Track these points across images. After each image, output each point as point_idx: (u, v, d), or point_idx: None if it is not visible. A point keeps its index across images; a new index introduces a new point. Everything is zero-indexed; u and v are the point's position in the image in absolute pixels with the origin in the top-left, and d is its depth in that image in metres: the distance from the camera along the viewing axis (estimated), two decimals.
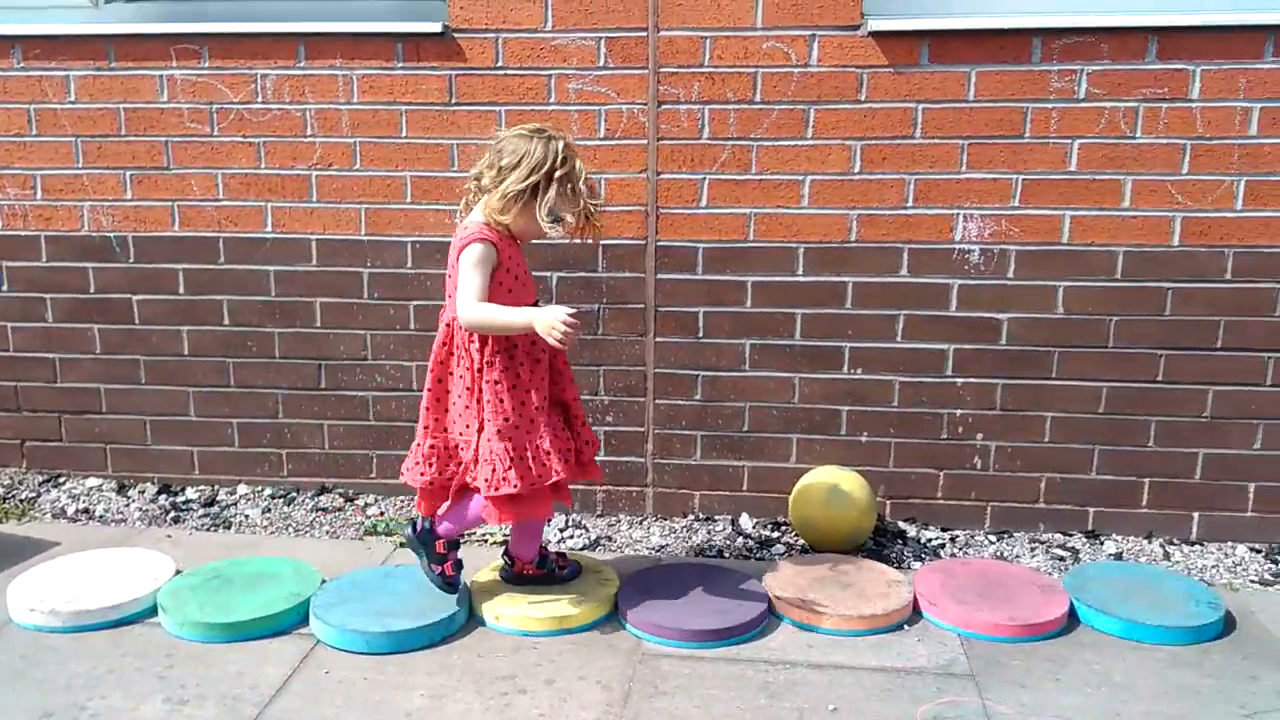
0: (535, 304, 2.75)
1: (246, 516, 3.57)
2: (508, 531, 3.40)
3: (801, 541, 3.38)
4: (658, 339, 3.51)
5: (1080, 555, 3.30)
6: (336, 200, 3.53)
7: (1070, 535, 3.44)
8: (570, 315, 2.49)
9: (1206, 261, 3.25)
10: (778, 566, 3.12)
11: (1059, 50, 3.19)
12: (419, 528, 2.86)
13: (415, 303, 3.56)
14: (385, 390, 3.63)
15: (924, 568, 3.12)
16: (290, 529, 3.49)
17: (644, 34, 3.30)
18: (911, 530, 3.46)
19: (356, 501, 3.68)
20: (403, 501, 3.66)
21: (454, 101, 3.42)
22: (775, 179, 3.36)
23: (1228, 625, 2.83)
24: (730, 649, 2.71)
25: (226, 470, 3.78)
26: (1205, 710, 2.44)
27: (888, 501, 3.52)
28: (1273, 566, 3.23)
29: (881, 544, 3.37)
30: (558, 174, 2.58)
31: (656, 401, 3.55)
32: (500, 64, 3.38)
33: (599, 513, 3.64)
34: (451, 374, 2.72)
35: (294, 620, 2.81)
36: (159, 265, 3.65)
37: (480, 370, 2.65)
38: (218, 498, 3.71)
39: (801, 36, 3.26)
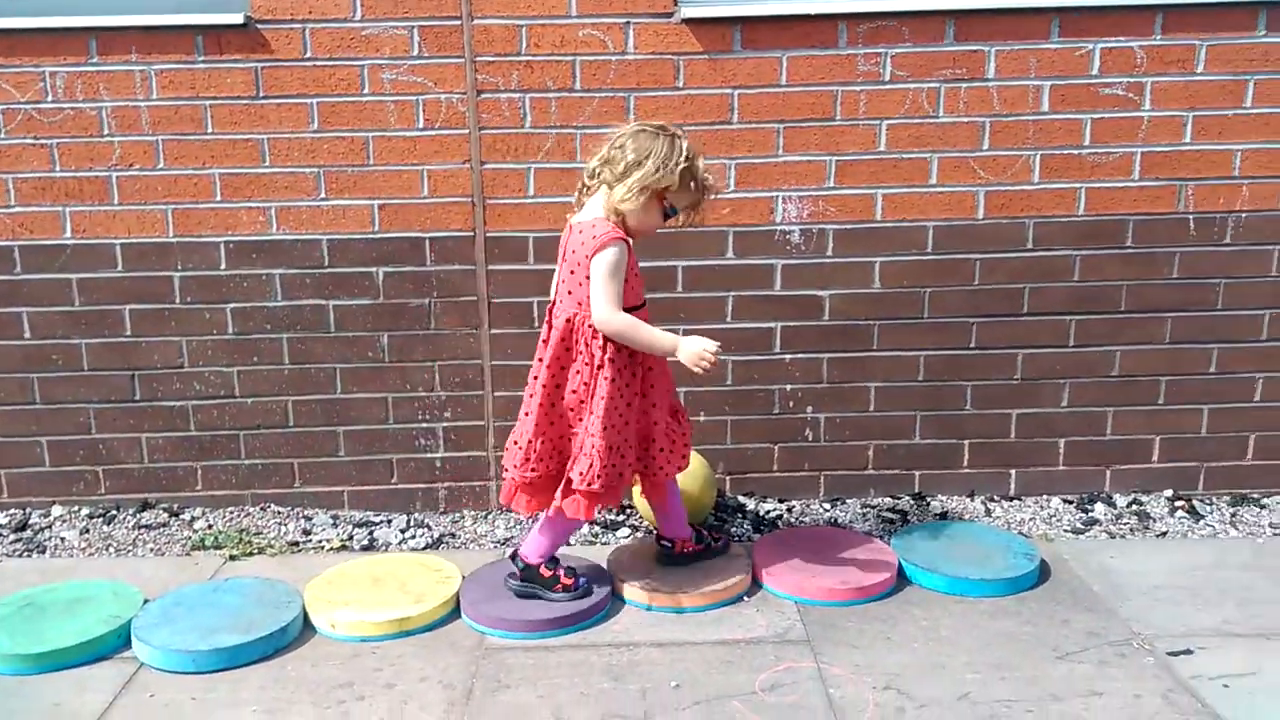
0: (644, 302, 2.79)
1: (63, 539, 3.36)
2: (345, 537, 3.34)
3: (646, 524, 3.41)
4: (493, 331, 3.48)
5: (909, 517, 3.45)
6: (140, 201, 3.35)
7: (899, 498, 3.59)
8: (718, 348, 2.59)
9: (1009, 232, 3.44)
10: (622, 550, 3.14)
11: (864, 34, 3.30)
12: (520, 576, 2.85)
13: (233, 305, 3.42)
14: (205, 399, 3.48)
15: (762, 539, 3.20)
16: (111, 549, 3.30)
17: (458, 22, 3.26)
18: (750, 504, 3.55)
19: (182, 516, 3.52)
20: (231, 513, 3.52)
21: (262, 95, 3.30)
22: None
23: (1043, 574, 3.01)
24: (575, 635, 2.72)
25: (38, 492, 3.54)
26: (1023, 655, 2.59)
27: (727, 477, 3.59)
28: (1083, 515, 3.45)
29: (723, 519, 3.44)
30: (682, 169, 2.64)
31: (495, 394, 3.52)
32: (309, 55, 3.27)
33: (442, 510, 3.58)
34: (565, 369, 2.74)
35: (115, 644, 2.67)
36: None
37: (600, 367, 2.68)
38: (30, 521, 3.48)
39: (617, 24, 3.28)
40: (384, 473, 3.56)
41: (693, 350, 2.60)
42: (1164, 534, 3.32)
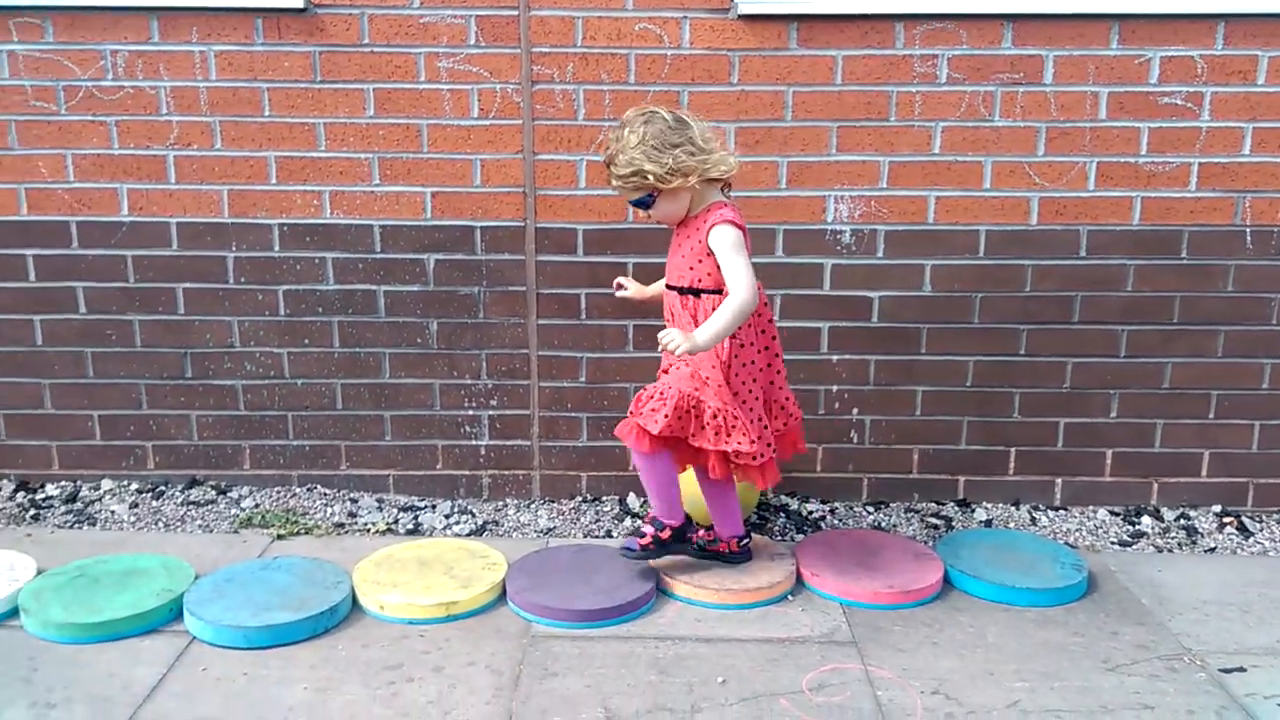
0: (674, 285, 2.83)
1: (112, 512, 3.40)
2: (390, 521, 3.36)
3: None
4: (540, 321, 3.49)
5: (953, 523, 3.43)
6: (197, 181, 3.38)
7: (943, 504, 3.57)
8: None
9: (1063, 239, 3.41)
10: None
11: (920, 35, 3.28)
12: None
13: (285, 287, 3.45)
14: (256, 379, 3.51)
15: (806, 540, 3.20)
16: (160, 524, 3.34)
17: (515, 13, 3.26)
18: (793, 504, 3.54)
19: (230, 494, 3.55)
20: (278, 493, 3.55)
21: (319, 79, 3.32)
22: None
23: (1091, 585, 2.98)
24: (620, 627, 2.72)
25: (89, 465, 3.58)
26: (1073, 665, 2.57)
27: None
28: (1130, 528, 3.42)
29: (765, 518, 3.43)
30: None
31: (541, 384, 3.53)
32: (366, 41, 3.29)
33: (485, 497, 3.60)
34: None
35: (167, 618, 2.69)
36: (7, 251, 3.43)
37: None
38: (80, 493, 3.52)
39: (673, 19, 3.27)
40: (429, 458, 3.58)
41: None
42: (1212, 550, 3.28)
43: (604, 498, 3.60)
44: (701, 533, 2.96)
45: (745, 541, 3.00)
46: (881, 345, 3.48)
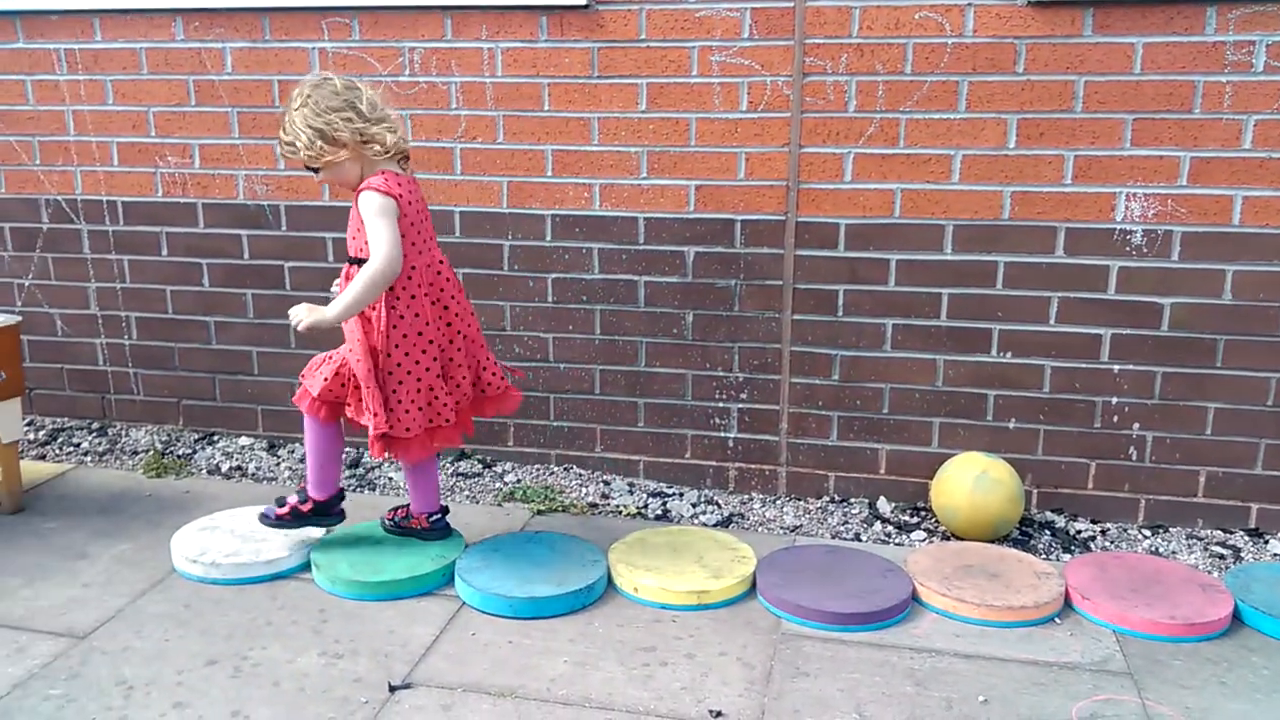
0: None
1: (390, 479, 3.66)
2: (640, 505, 3.43)
3: (943, 528, 3.29)
4: (795, 316, 3.45)
5: (1242, 554, 3.13)
6: (479, 173, 3.57)
7: (1231, 533, 3.26)
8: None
9: None
10: (920, 552, 3.04)
11: (1235, 21, 3.00)
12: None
13: (554, 276, 3.59)
14: (522, 361, 3.67)
15: (1075, 560, 3.00)
16: None
17: (790, 5, 3.23)
18: (1060, 521, 3.33)
19: (494, 468, 3.74)
20: (537, 470, 3.70)
21: (596, 74, 3.42)
22: (924, 154, 3.26)
23: None
24: (873, 634, 2.66)
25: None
26: None
27: (1035, 491, 3.40)
28: None
29: (1028, 534, 3.25)
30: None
31: (792, 380, 3.50)
32: (643, 36, 3.35)
33: (731, 489, 3.61)
34: None
35: (440, 582, 2.87)
36: (309, 234, 3.75)
37: None
38: (362, 460, 3.81)
39: (957, 6, 3.14)
40: (678, 446, 3.63)
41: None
42: None
43: (852, 500, 3.52)
44: (398, 510, 3.09)
45: (436, 518, 3.04)
46: (1171, 356, 3.21)
